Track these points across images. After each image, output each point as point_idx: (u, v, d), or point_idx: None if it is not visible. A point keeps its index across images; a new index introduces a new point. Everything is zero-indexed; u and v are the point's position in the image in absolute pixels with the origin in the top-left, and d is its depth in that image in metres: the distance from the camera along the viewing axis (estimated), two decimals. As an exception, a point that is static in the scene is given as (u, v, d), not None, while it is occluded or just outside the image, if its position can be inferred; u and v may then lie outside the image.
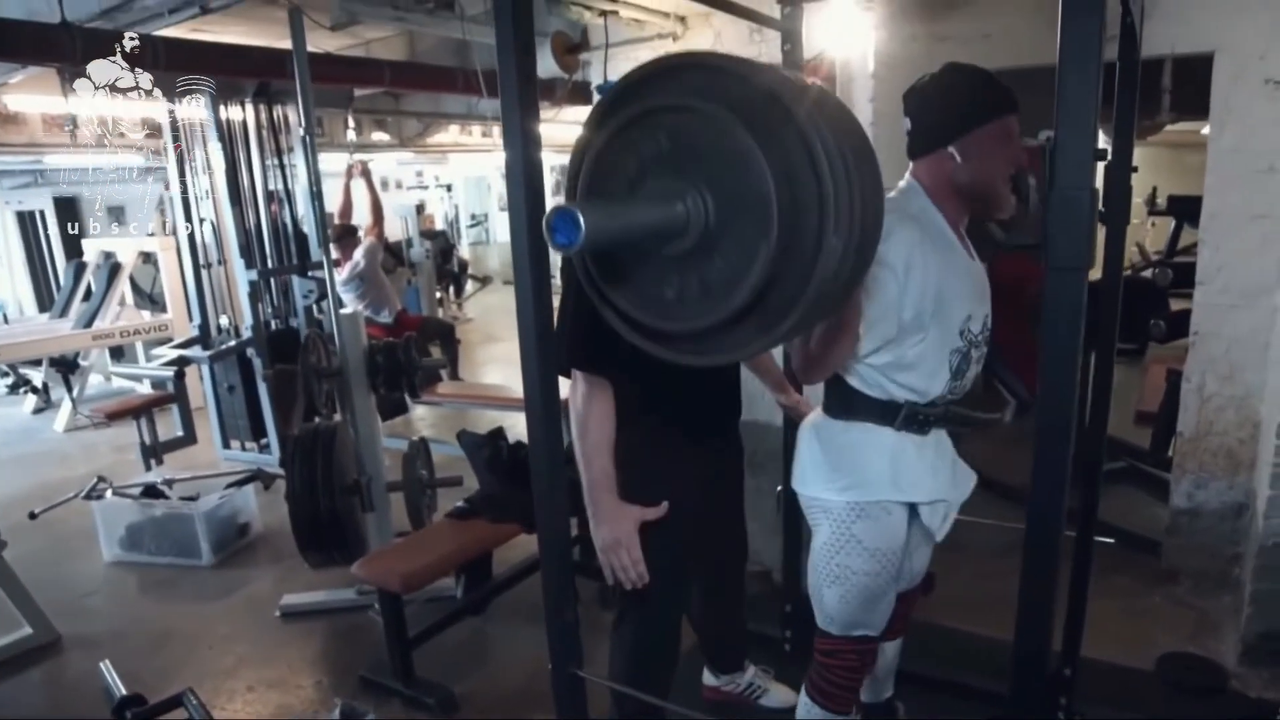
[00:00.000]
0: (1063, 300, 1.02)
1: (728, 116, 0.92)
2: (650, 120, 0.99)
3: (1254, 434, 2.86)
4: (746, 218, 0.93)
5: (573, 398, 1.69)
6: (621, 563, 1.67)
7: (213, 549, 3.69)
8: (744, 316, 0.99)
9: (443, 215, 12.03)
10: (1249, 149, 2.71)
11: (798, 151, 0.92)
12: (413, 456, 3.21)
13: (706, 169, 0.94)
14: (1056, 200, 0.99)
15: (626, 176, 1.00)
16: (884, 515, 1.67)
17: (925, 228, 1.59)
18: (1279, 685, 2.47)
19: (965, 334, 1.66)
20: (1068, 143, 0.97)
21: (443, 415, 5.71)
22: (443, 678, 2.68)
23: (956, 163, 1.57)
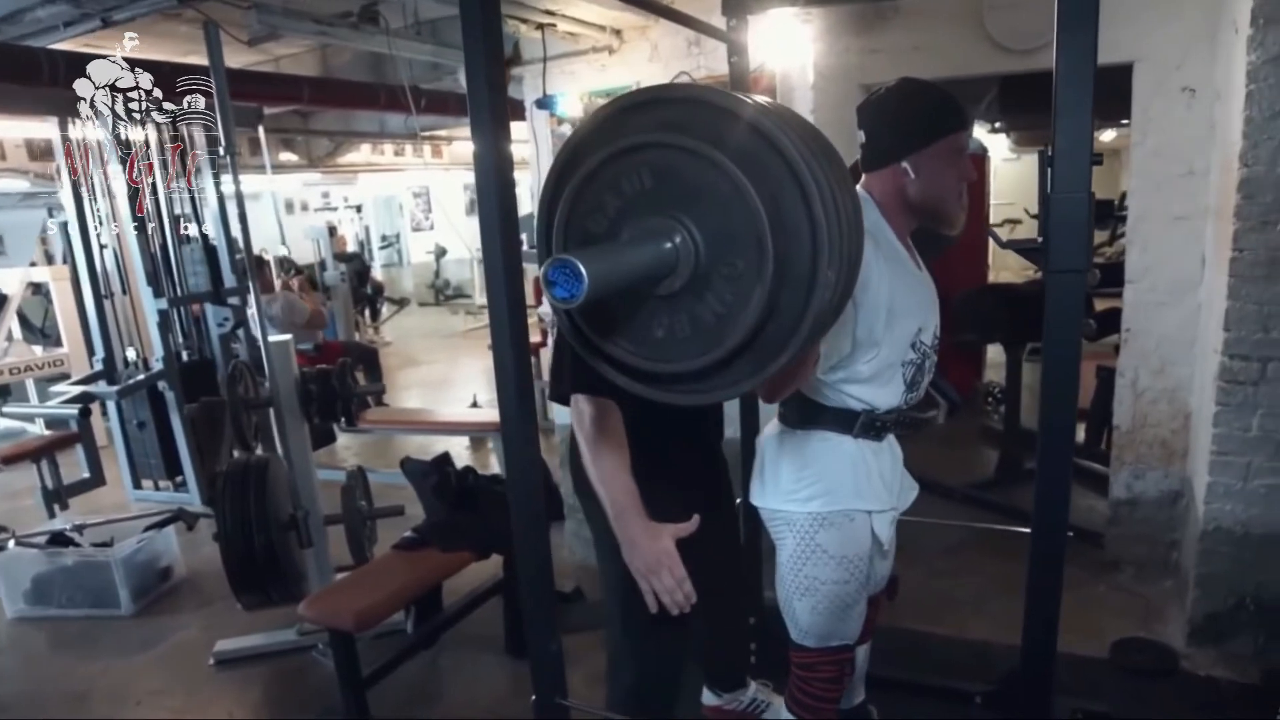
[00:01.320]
0: (1063, 302, 1.04)
1: (717, 154, 0.91)
2: (631, 158, 0.95)
3: (1185, 424, 3.00)
4: (738, 254, 0.91)
5: (579, 424, 1.60)
6: (666, 585, 1.50)
7: (132, 596, 3.45)
8: (738, 355, 0.97)
9: (353, 236, 11.70)
10: (1168, 153, 2.86)
11: (788, 185, 0.91)
12: (352, 487, 3.08)
13: (695, 206, 0.91)
14: (1056, 205, 1.01)
15: (606, 214, 0.97)
16: (847, 523, 1.66)
17: (877, 243, 1.59)
18: (1226, 663, 2.57)
19: (917, 345, 1.68)
20: (1066, 149, 0.99)
21: (368, 443, 5.51)
22: (400, 716, 2.57)
23: (909, 178, 1.58)
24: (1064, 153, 0.98)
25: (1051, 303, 1.03)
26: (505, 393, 1.38)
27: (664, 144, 0.94)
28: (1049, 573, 1.14)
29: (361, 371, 5.77)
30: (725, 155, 0.91)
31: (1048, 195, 1.00)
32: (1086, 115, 0.96)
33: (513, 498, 1.41)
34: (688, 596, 1.50)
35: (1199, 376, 2.87)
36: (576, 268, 0.83)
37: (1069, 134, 0.97)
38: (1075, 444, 4.09)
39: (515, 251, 1.33)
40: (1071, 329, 1.04)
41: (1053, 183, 0.99)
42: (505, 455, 1.42)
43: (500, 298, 1.29)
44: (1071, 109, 0.97)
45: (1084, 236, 1.00)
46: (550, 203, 1.06)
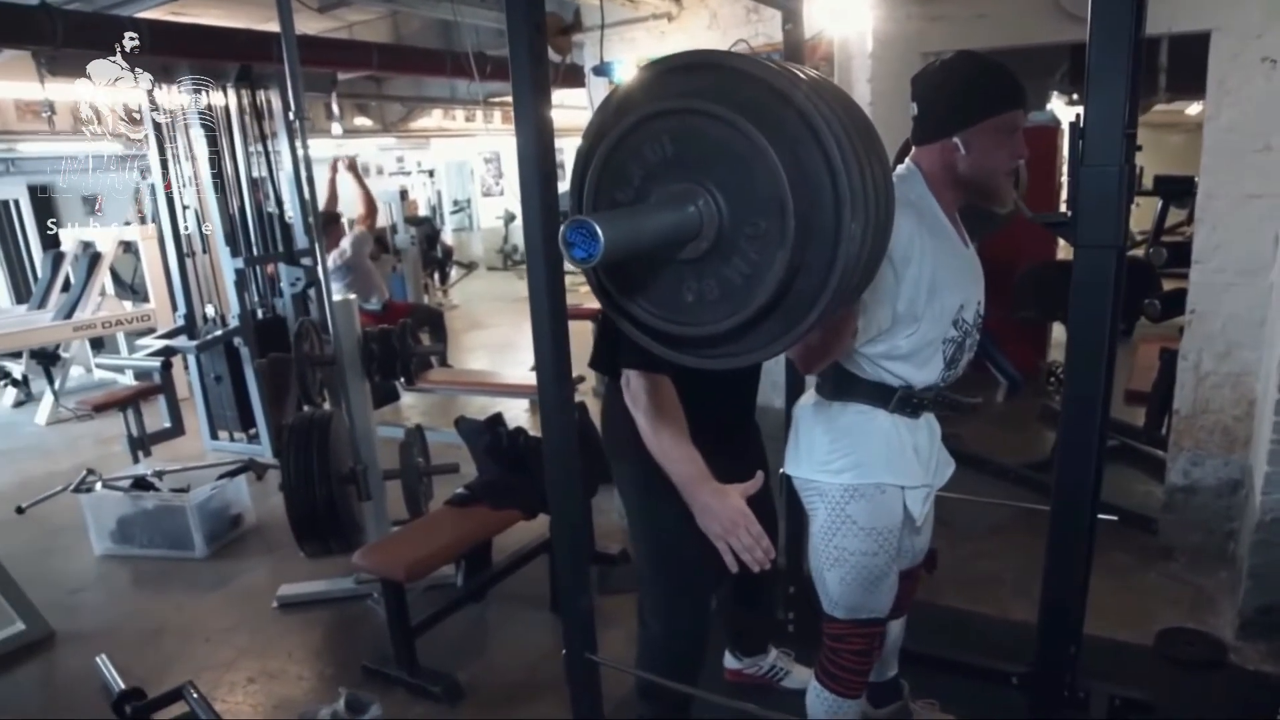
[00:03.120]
0: (1093, 278, 1.02)
1: (735, 115, 0.91)
2: (653, 125, 0.97)
3: (1249, 411, 2.89)
4: (762, 214, 0.92)
5: (635, 400, 1.62)
6: (745, 543, 1.51)
7: (206, 541, 3.65)
8: (767, 314, 0.98)
9: (425, 201, 11.91)
10: (1245, 128, 2.72)
11: (806, 142, 0.91)
12: (409, 444, 3.18)
13: (715, 170, 0.93)
14: (1086, 177, 0.99)
15: (632, 185, 0.99)
16: (878, 495, 1.67)
17: (922, 216, 1.58)
18: (1276, 658, 2.51)
19: (959, 323, 1.66)
20: (1098, 119, 0.97)
21: (432, 402, 5.67)
22: (446, 666, 2.67)
23: (960, 153, 1.56)
24: (1095, 123, 0.95)
25: (1080, 279, 1.02)
26: (542, 356, 1.43)
27: (681, 110, 0.95)
28: (1068, 552, 1.12)
29: (427, 333, 5.92)
30: (742, 116, 0.92)
31: (1077, 167, 0.97)
32: (1121, 83, 0.94)
33: (548, 458, 1.46)
34: (766, 552, 1.52)
35: (1266, 362, 2.75)
36: (593, 228, 0.85)
37: (1101, 103, 0.95)
38: (1134, 427, 3.99)
39: (554, 218, 1.37)
40: (1101, 307, 1.02)
41: (1083, 154, 0.96)
42: (542, 417, 1.46)
43: (539, 265, 1.33)
44: (1104, 77, 0.94)
45: (1115, 210, 0.97)
46: (580, 176, 1.08)
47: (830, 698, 1.82)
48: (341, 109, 6.57)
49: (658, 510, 1.77)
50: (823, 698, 1.83)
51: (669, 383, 1.62)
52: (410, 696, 2.58)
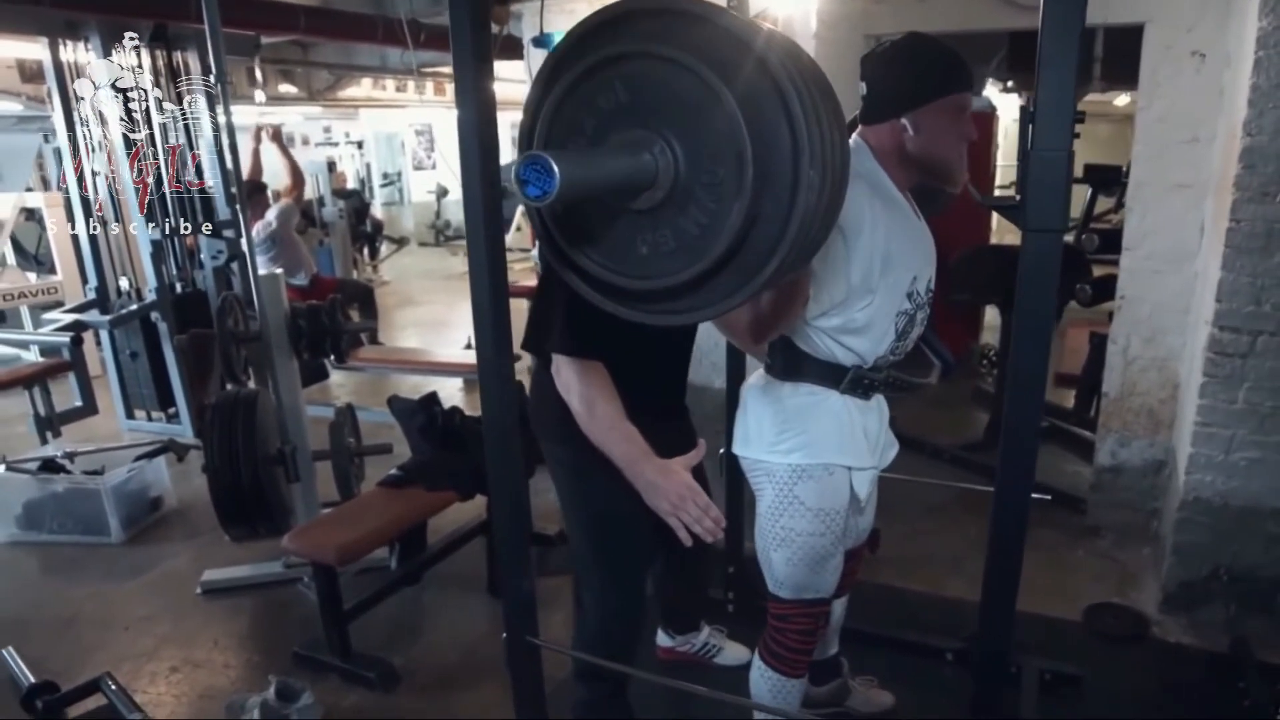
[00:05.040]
0: (1039, 261, 1.02)
1: (690, 59, 0.89)
2: (606, 71, 0.94)
3: (1174, 394, 3.00)
4: (719, 163, 0.90)
5: (567, 386, 1.59)
6: (694, 515, 1.48)
7: (122, 525, 3.48)
8: (723, 266, 0.96)
9: (354, 174, 11.56)
10: (1174, 119, 2.81)
11: (764, 87, 0.89)
12: (340, 424, 3.09)
13: (670, 117, 0.90)
14: (1035, 162, 0.99)
15: (584, 134, 0.95)
16: (826, 477, 1.67)
17: (874, 187, 1.58)
18: (1196, 631, 2.62)
19: (913, 295, 1.67)
20: (1047, 106, 0.97)
21: (362, 381, 5.52)
22: (381, 651, 2.61)
23: (908, 134, 1.56)
24: (1045, 109, 0.95)
25: (1027, 262, 1.02)
26: (482, 334, 1.38)
27: (637, 54, 0.92)
28: (1012, 531, 1.14)
29: (356, 309, 5.76)
30: (698, 60, 0.89)
31: (1027, 152, 0.97)
32: (1070, 71, 0.94)
33: (488, 435, 1.42)
34: (716, 521, 1.50)
35: (1190, 347, 2.87)
36: (549, 164, 0.82)
37: (1051, 89, 0.95)
38: (1063, 409, 4.14)
39: (495, 192, 1.32)
40: (1047, 289, 1.02)
41: (1033, 139, 0.96)
42: (482, 395, 1.42)
43: (479, 239, 1.28)
44: (1055, 63, 0.94)
45: (1062, 195, 0.98)
46: (530, 128, 1.04)
47: (774, 676, 1.82)
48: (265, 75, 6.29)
49: (590, 491, 1.75)
50: (766, 676, 1.83)
51: (601, 367, 1.59)
52: (344, 683, 2.51)
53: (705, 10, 0.93)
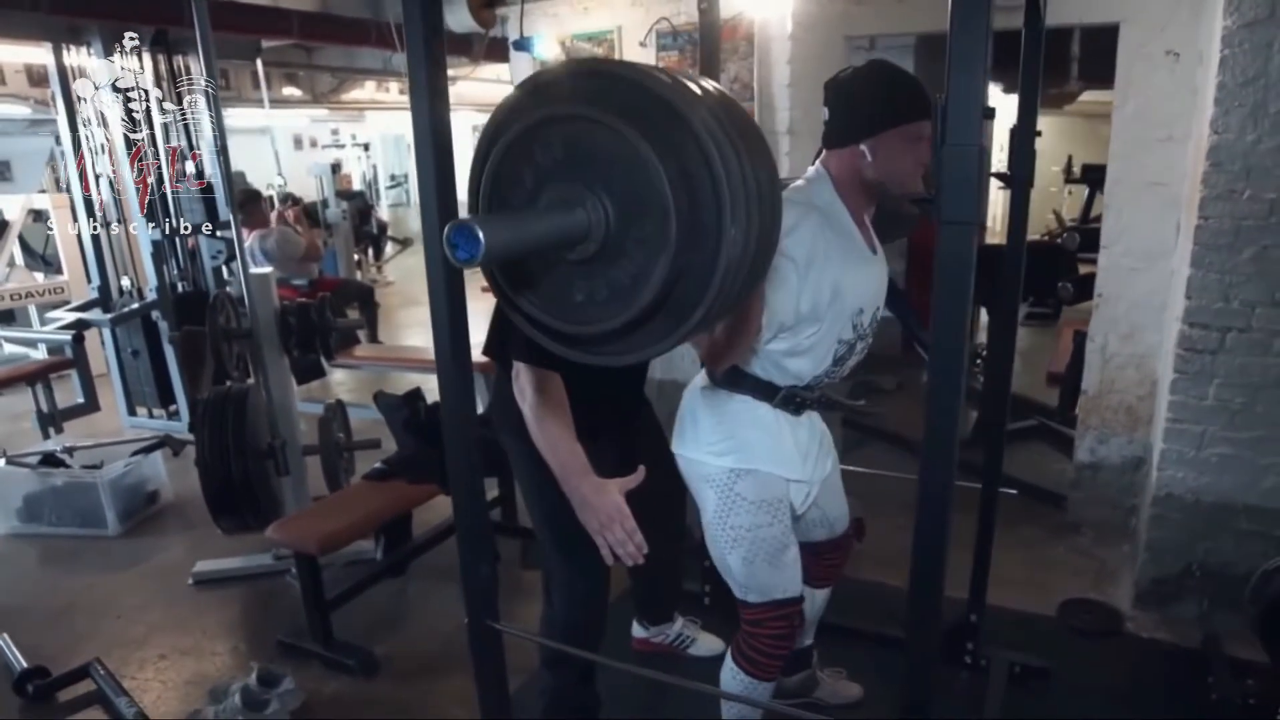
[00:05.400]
0: (955, 253, 1.06)
1: (619, 122, 0.93)
2: (545, 130, 0.98)
3: (1151, 391, 3.02)
4: (646, 219, 0.94)
5: (522, 392, 1.65)
6: (618, 537, 1.56)
7: (119, 518, 3.56)
8: (653, 315, 1.01)
9: (360, 175, 11.66)
10: (1149, 118, 2.84)
11: (689, 148, 0.93)
12: (329, 419, 3.15)
13: (604, 175, 0.94)
14: (947, 156, 1.02)
15: (525, 187, 1.00)
16: (761, 473, 1.73)
17: (829, 220, 1.63)
18: (1169, 627, 2.64)
19: (857, 327, 1.73)
20: (958, 100, 1.00)
21: (362, 379, 5.59)
22: (363, 639, 2.66)
23: (866, 160, 1.61)
24: (955, 105, 0.99)
25: (943, 254, 1.06)
26: (440, 328, 1.44)
27: (568, 116, 0.96)
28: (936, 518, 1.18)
29: (356, 308, 5.83)
30: (626, 122, 0.93)
31: (938, 147, 1.01)
32: (979, 67, 0.97)
33: (446, 428, 1.48)
34: (639, 547, 1.57)
35: (1166, 344, 2.89)
36: (474, 230, 0.86)
37: (961, 86, 0.98)
38: (1049, 407, 4.15)
39: (451, 195, 1.38)
40: (963, 281, 1.05)
41: (944, 134, 1.00)
42: (440, 389, 1.48)
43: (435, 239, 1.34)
44: (964, 62, 0.97)
45: (974, 188, 1.01)
46: (477, 177, 1.08)
47: (745, 679, 1.84)
48: (269, 78, 6.38)
49: (549, 485, 1.80)
50: (738, 679, 1.85)
51: (557, 378, 1.65)
52: (325, 670, 2.56)
53: (635, 74, 0.98)
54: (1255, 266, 2.33)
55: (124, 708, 2.34)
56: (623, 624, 2.52)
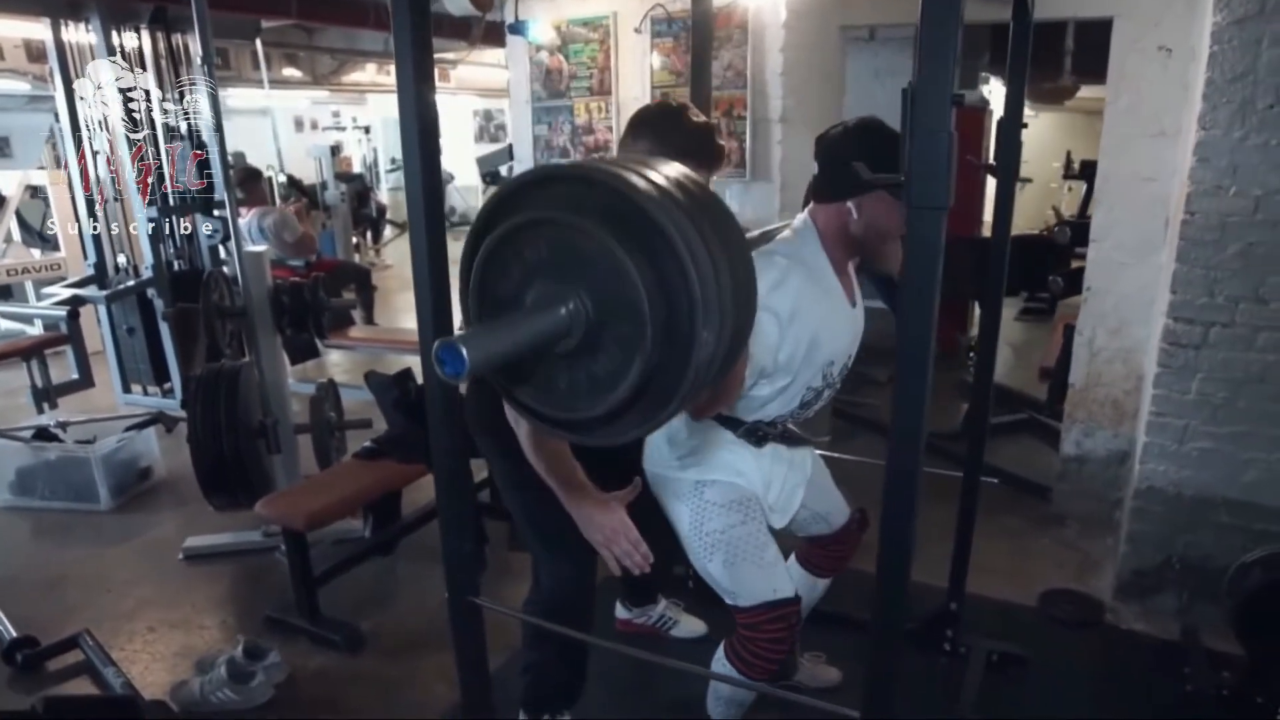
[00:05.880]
0: (923, 240, 1.07)
1: (601, 231, 0.97)
2: (530, 230, 1.02)
3: (1138, 385, 3.04)
4: (624, 319, 0.98)
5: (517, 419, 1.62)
6: (624, 549, 1.61)
7: (111, 493, 3.58)
8: (630, 406, 1.05)
9: (361, 159, 11.64)
10: (1141, 113, 2.85)
11: (668, 259, 0.96)
12: (321, 398, 3.17)
13: (585, 275, 0.98)
14: (917, 142, 1.04)
15: (513, 279, 1.04)
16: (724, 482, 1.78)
17: (813, 275, 1.68)
18: (1149, 618, 2.67)
19: (826, 377, 1.78)
20: (928, 86, 1.02)
21: (357, 360, 5.61)
22: (349, 615, 2.69)
23: (852, 217, 1.66)
24: (925, 92, 1.00)
25: (913, 239, 1.07)
26: (423, 308, 1.46)
27: (552, 220, 1.00)
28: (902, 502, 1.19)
29: (353, 290, 5.85)
30: (603, 227, 0.97)
31: (909, 132, 1.03)
32: (949, 53, 0.98)
33: (429, 404, 1.50)
34: (645, 557, 1.61)
35: (1153, 338, 2.91)
36: (459, 350, 0.90)
37: (931, 71, 0.99)
38: (1038, 401, 4.17)
39: (435, 172, 1.40)
40: (931, 265, 1.07)
41: (914, 120, 1.02)
42: (423, 367, 1.50)
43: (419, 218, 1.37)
44: (933, 49, 0.99)
45: (944, 174, 1.02)
46: (467, 266, 1.11)
47: (735, 675, 1.84)
48: (269, 58, 6.37)
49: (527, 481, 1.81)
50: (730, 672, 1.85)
51: None
52: (311, 645, 2.59)
53: (616, 181, 1.00)
54: (1240, 262, 2.35)
55: (111, 677, 2.37)
56: (606, 604, 2.55)
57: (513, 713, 2.10)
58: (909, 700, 1.24)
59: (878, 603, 1.29)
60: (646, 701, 2.36)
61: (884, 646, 1.31)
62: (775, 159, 3.55)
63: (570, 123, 3.85)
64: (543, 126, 3.94)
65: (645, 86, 3.66)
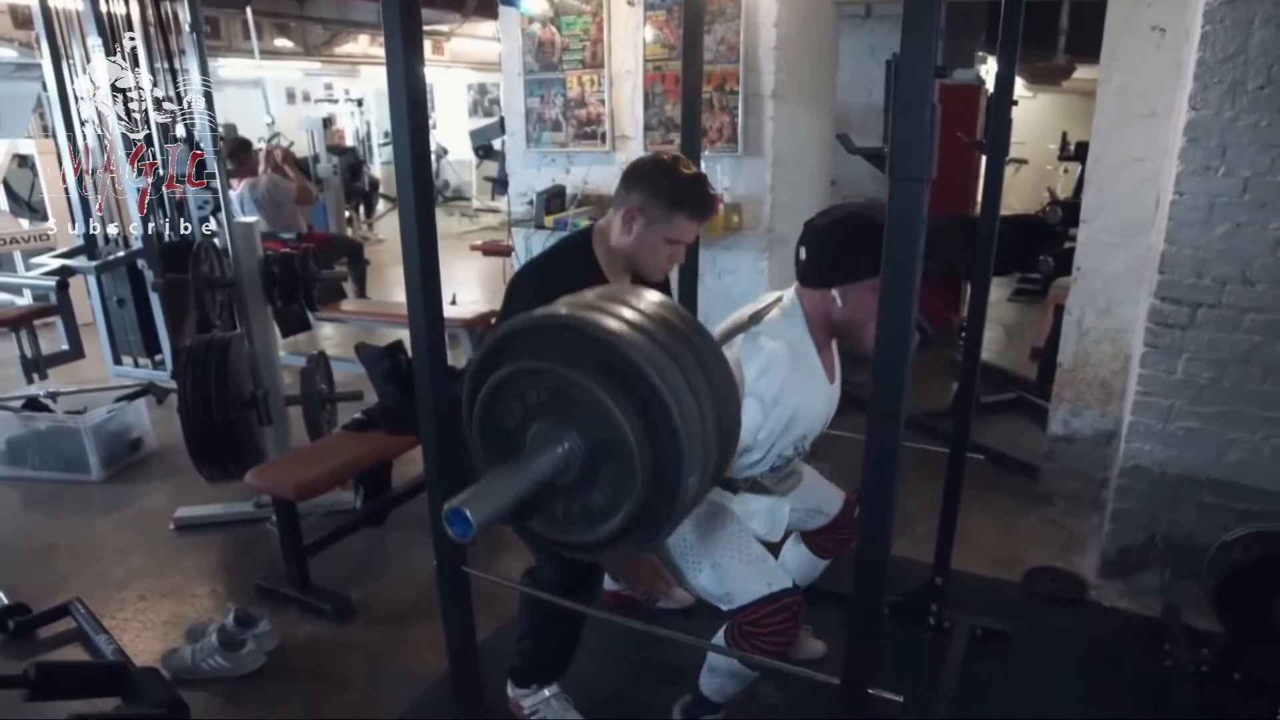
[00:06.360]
0: (904, 212, 1.08)
1: (592, 385, 1.02)
2: (529, 376, 1.09)
3: (1125, 366, 3.05)
4: (617, 463, 1.05)
5: None
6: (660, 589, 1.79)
7: (102, 463, 3.59)
8: (622, 537, 1.11)
9: (353, 132, 11.54)
10: (1133, 93, 2.85)
11: (657, 409, 1.01)
12: (311, 370, 3.17)
13: (580, 419, 1.05)
14: (900, 112, 1.04)
15: (515, 417, 1.11)
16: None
17: (797, 356, 1.76)
18: (1131, 595, 2.70)
19: (798, 447, 1.89)
20: (911, 57, 1.02)
21: (349, 333, 5.61)
22: (340, 585, 2.71)
23: (837, 305, 1.75)
24: (908, 64, 1.01)
25: (894, 211, 1.08)
26: (412, 280, 1.47)
27: (550, 371, 1.06)
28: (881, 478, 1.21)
29: (345, 264, 5.82)
30: (595, 380, 1.03)
31: (893, 103, 1.03)
32: (932, 25, 0.99)
33: (417, 372, 1.51)
34: (669, 584, 1.77)
35: (1142, 319, 2.92)
36: (465, 514, 0.99)
37: (913, 45, 1.00)
38: (1028, 380, 4.20)
39: (424, 141, 1.41)
40: (914, 237, 1.08)
41: (897, 90, 1.02)
42: (411, 334, 1.51)
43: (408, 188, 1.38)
44: (917, 22, 0.99)
45: (926, 145, 1.03)
46: (471, 397, 1.15)
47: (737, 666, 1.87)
48: (260, 28, 6.29)
49: None
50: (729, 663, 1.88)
51: None
52: (302, 614, 2.61)
53: (609, 335, 1.04)
54: (1228, 243, 2.36)
55: (103, 644, 2.38)
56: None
57: (500, 681, 2.13)
58: (893, 673, 1.26)
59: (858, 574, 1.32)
60: (631, 671, 2.39)
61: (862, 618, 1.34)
62: (768, 135, 3.53)
63: (562, 95, 3.83)
64: (535, 99, 3.92)
65: (638, 59, 3.64)
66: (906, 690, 1.28)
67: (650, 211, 1.79)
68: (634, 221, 1.81)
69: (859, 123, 4.99)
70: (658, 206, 1.79)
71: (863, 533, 1.31)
